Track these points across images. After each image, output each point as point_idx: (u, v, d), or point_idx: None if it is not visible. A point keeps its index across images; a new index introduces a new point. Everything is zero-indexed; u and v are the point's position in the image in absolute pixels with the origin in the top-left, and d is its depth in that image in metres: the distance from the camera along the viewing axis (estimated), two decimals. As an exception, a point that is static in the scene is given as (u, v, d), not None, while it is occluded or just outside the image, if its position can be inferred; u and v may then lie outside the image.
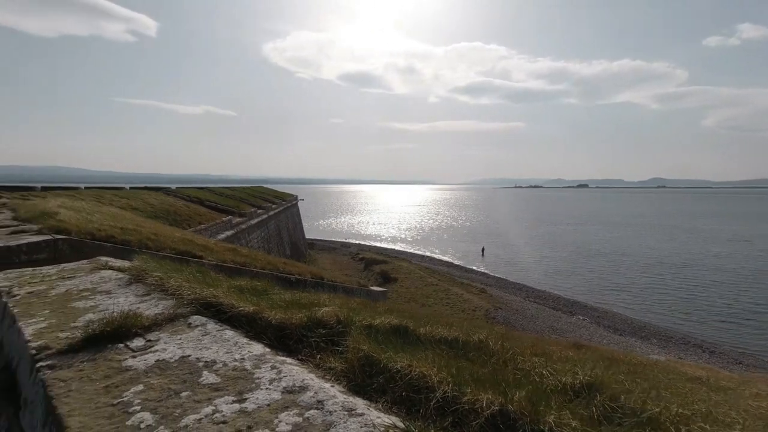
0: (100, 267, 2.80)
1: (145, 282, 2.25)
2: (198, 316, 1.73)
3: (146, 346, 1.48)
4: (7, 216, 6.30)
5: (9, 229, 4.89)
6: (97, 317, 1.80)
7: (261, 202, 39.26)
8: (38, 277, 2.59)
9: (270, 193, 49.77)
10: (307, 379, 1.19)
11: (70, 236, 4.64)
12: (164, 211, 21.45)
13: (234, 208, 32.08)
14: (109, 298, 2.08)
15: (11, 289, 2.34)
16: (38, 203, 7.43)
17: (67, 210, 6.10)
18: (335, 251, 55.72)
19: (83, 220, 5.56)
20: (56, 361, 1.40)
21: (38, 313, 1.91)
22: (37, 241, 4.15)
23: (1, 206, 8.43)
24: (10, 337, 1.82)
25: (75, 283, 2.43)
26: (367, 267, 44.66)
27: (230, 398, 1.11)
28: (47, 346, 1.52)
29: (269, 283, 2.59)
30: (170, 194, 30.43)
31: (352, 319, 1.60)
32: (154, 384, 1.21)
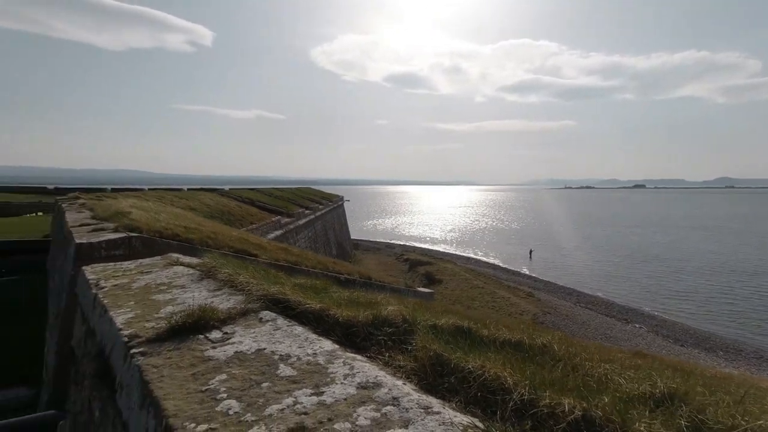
0: (172, 263, 3.00)
1: (216, 278, 2.39)
2: (267, 311, 1.82)
3: (224, 338, 1.57)
4: (87, 215, 6.87)
5: (90, 227, 5.33)
6: (177, 309, 1.93)
7: (308, 202, 40.24)
8: (120, 271, 2.82)
9: (317, 194, 50.91)
10: (379, 376, 1.22)
11: (142, 234, 4.99)
12: (219, 211, 22.49)
13: (283, 209, 33.11)
14: (184, 292, 2.23)
15: (98, 281, 2.57)
16: (112, 203, 8.04)
17: (137, 210, 6.55)
18: (380, 252, 56.06)
19: (152, 219, 5.95)
20: (147, 348, 1.52)
21: (125, 304, 2.08)
22: (114, 238, 4.50)
23: (80, 206, 9.19)
24: (102, 326, 1.99)
25: (152, 277, 2.62)
26: (412, 268, 44.59)
27: (308, 391, 1.16)
28: (137, 334, 1.65)
29: (327, 281, 2.67)
30: (224, 195, 31.87)
31: (417, 319, 1.62)
32: (236, 374, 1.29)
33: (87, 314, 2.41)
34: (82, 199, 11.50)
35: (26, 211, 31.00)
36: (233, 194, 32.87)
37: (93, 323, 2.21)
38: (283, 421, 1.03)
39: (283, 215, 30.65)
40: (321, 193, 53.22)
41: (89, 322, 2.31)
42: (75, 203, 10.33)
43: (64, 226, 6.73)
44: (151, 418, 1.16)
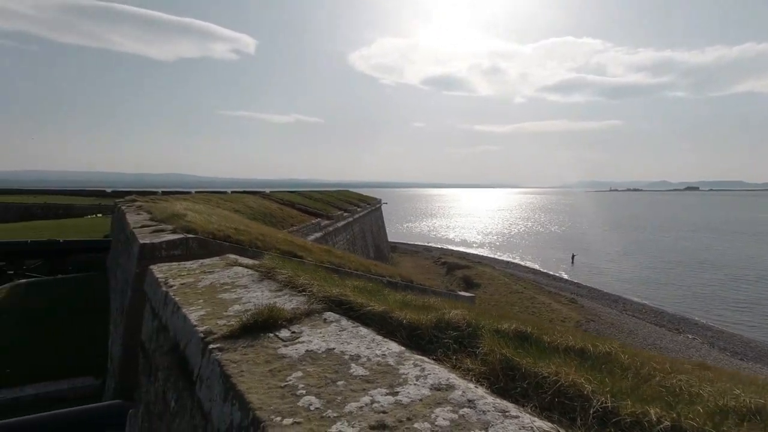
0: (231, 264, 3.15)
1: (276, 279, 2.49)
2: (331, 312, 1.88)
3: (293, 337, 1.64)
4: (145, 217, 7.29)
5: (150, 228, 5.66)
6: (244, 308, 2.03)
7: (346, 205, 40.73)
8: (185, 271, 2.99)
9: (355, 196, 51.44)
10: (451, 378, 1.24)
11: (197, 235, 5.24)
12: (262, 213, 23.17)
13: (322, 211, 33.69)
14: (247, 291, 2.34)
15: (167, 280, 2.73)
16: (167, 206, 8.48)
17: (191, 212, 6.89)
18: (417, 255, 55.87)
19: (205, 221, 6.24)
20: (223, 344, 1.61)
21: (194, 302, 2.21)
22: (173, 239, 4.76)
23: (138, 208, 9.74)
24: (175, 322, 2.12)
25: (215, 277, 2.76)
26: (450, 271, 44.17)
27: (383, 390, 1.20)
28: (211, 331, 1.76)
29: (377, 284, 2.71)
30: (266, 198, 32.80)
31: (480, 323, 1.63)
32: (311, 372, 1.35)
33: (158, 310, 2.58)
34: (138, 202, 12.19)
35: (87, 213, 33.20)
36: (274, 197, 33.79)
37: (165, 319, 2.36)
38: (363, 419, 1.07)
39: (322, 217, 31.19)
40: (359, 196, 53.74)
41: (161, 318, 2.46)
42: (133, 205, 10.97)
43: (125, 227, 7.18)
44: (236, 410, 1.24)
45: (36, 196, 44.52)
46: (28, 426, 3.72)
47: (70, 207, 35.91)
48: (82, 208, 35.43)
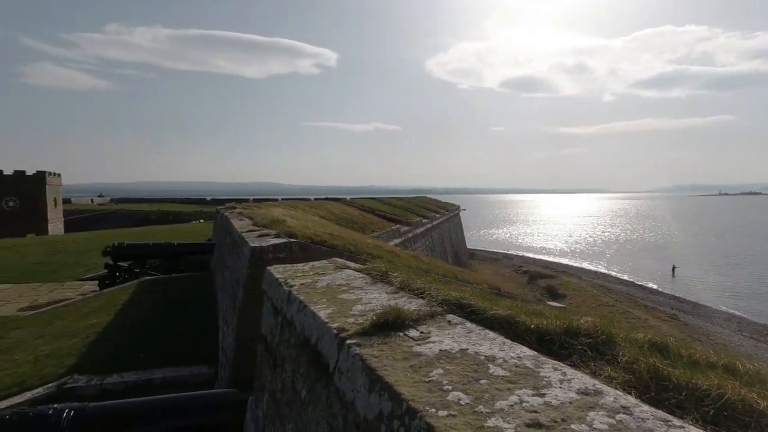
0: (341, 267, 3.36)
1: (390, 282, 2.62)
2: (453, 315, 1.95)
3: (422, 337, 1.74)
4: (248, 222, 7.97)
5: (256, 232, 6.19)
6: (367, 308, 2.18)
7: (425, 211, 40.77)
8: (300, 272, 3.25)
9: (433, 202, 51.37)
10: (597, 384, 1.24)
11: (298, 240, 5.63)
12: (344, 219, 24.01)
13: (401, 218, 34.01)
14: (365, 293, 2.49)
15: (287, 280, 3.00)
16: (266, 212, 9.18)
17: (289, 218, 7.40)
18: (497, 262, 54.20)
19: (303, 226, 6.67)
20: (358, 340, 1.75)
21: (318, 301, 2.41)
22: (279, 243, 5.16)
23: (239, 215, 10.64)
24: (303, 318, 2.33)
25: (330, 278, 2.97)
26: (531, 280, 42.26)
27: (528, 391, 1.24)
28: (343, 328, 1.91)
29: (481, 289, 2.73)
30: (348, 204, 33.92)
31: (612, 331, 1.60)
32: (450, 369, 1.42)
33: (280, 308, 2.83)
34: (238, 209, 13.29)
35: (192, 219, 37.15)
36: (355, 203, 34.84)
37: (290, 316, 2.59)
38: (516, 416, 1.12)
39: (401, 224, 31.50)
40: (437, 202, 53.57)
41: (284, 314, 2.71)
42: (234, 212, 12.00)
43: (232, 232, 7.90)
44: (385, 401, 1.35)
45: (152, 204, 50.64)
46: (164, 403, 4.23)
47: (179, 213, 40.36)
48: (188, 214, 39.73)
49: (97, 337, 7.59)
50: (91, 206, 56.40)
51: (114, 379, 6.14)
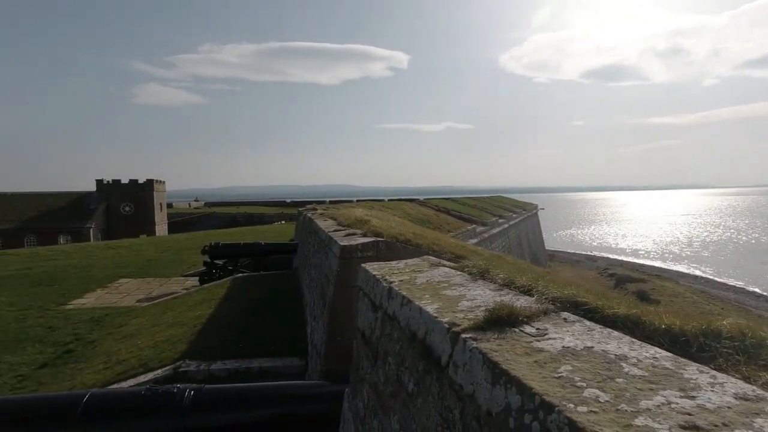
0: (435, 264, 3.39)
1: (491, 279, 2.61)
2: (567, 312, 1.89)
3: (540, 333, 1.70)
4: (332, 223, 8.31)
5: (343, 232, 6.43)
6: (474, 304, 2.19)
7: (501, 211, 39.60)
8: (395, 270, 3.33)
9: (509, 202, 49.70)
10: (756, 390, 1.14)
11: (384, 239, 5.75)
12: (419, 219, 24.04)
13: (477, 218, 33.33)
14: (467, 290, 2.50)
15: (384, 277, 3.09)
16: (348, 213, 9.51)
17: (373, 218, 7.59)
18: (579, 264, 51.09)
19: (386, 226, 6.80)
20: (473, 335, 1.77)
21: (422, 296, 2.46)
22: (367, 242, 5.32)
23: (320, 215, 11.11)
24: (408, 313, 2.40)
25: (427, 275, 3.01)
26: (619, 284, 39.26)
27: (675, 393, 1.17)
28: (454, 322, 1.93)
29: (586, 288, 2.60)
30: (422, 204, 33.92)
31: (761, 334, 1.45)
32: (579, 366, 1.38)
33: (379, 303, 2.93)
34: (319, 210, 13.88)
35: (275, 220, 39.74)
36: (429, 204, 34.74)
37: (391, 311, 2.68)
38: (667, 417, 1.06)
39: (477, 224, 30.86)
40: (513, 201, 51.75)
41: (385, 309, 2.80)
42: (315, 213, 12.55)
43: (317, 232, 8.29)
44: (512, 394, 1.35)
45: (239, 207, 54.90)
46: (268, 390, 4.54)
47: (262, 215, 43.46)
48: (271, 215, 42.68)
49: (202, 327, 8.35)
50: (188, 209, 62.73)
51: (218, 365, 6.72)
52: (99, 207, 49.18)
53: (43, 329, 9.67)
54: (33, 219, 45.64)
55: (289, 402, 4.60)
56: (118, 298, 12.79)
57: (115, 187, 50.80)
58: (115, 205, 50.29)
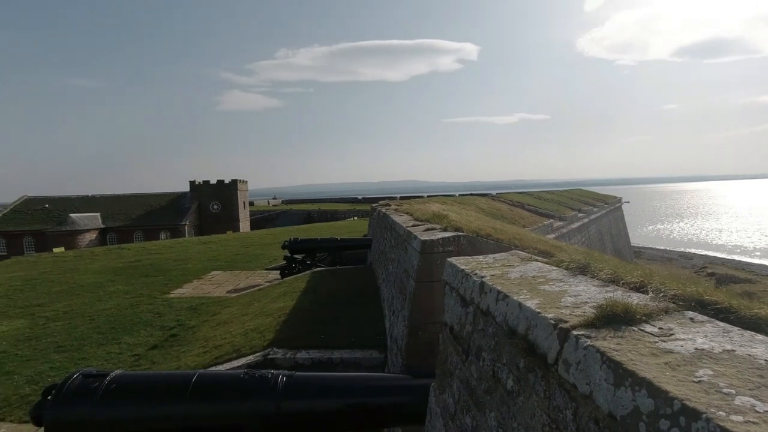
0: (526, 259, 3.27)
1: (593, 274, 2.45)
2: (692, 312, 1.72)
3: (664, 333, 1.56)
4: (408, 218, 8.34)
5: (421, 227, 6.43)
6: (580, 300, 2.07)
7: (581, 205, 37.33)
8: (484, 264, 3.26)
9: (589, 195, 46.64)
10: None
11: (464, 233, 5.66)
12: (492, 214, 23.36)
13: (554, 212, 31.78)
14: (568, 285, 2.37)
15: (474, 271, 3.04)
16: (423, 208, 9.50)
17: (450, 213, 7.51)
18: (671, 262, 46.71)
19: (465, 220, 6.69)
20: (585, 332, 1.67)
21: (518, 291, 2.37)
22: (447, 236, 5.27)
23: (395, 211, 11.20)
24: (504, 308, 2.33)
25: (521, 270, 2.91)
26: (720, 284, 35.23)
27: None
28: (561, 318, 1.84)
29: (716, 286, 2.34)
30: (495, 199, 32.99)
31: None
32: (722, 371, 1.24)
33: (471, 298, 2.88)
34: (392, 206, 14.01)
35: (347, 216, 40.96)
36: (502, 198, 33.67)
37: (485, 305, 2.62)
38: None
39: (554, 219, 29.40)
40: (593, 194, 48.47)
41: (477, 304, 2.74)
42: (389, 209, 12.68)
43: (394, 227, 8.37)
44: (642, 398, 1.25)
45: (313, 204, 57.37)
46: (354, 380, 4.67)
47: (335, 212, 44.99)
48: (343, 212, 44.06)
49: (286, 318, 8.81)
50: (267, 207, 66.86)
51: (303, 354, 7.05)
52: (192, 206, 54.00)
53: (152, 315, 10.82)
54: (140, 217, 51.38)
55: (374, 393, 4.70)
56: (211, 289, 13.93)
57: (204, 187, 55.46)
58: (205, 203, 54.90)
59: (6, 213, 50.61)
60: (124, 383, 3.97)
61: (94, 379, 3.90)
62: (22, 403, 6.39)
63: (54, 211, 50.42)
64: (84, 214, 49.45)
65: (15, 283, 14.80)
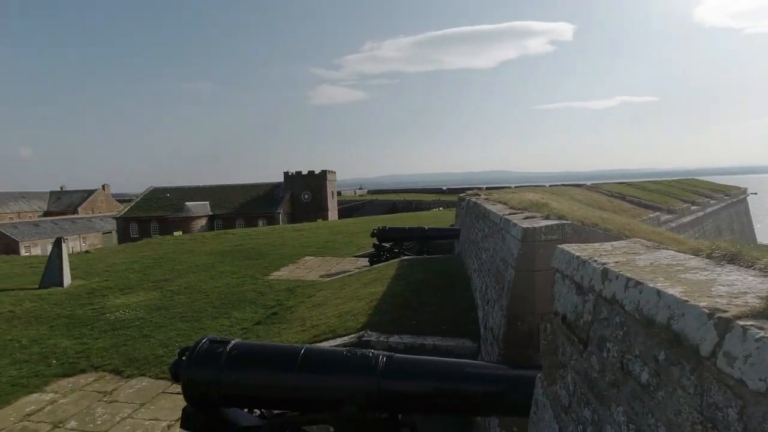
0: (652, 247, 2.98)
1: (745, 264, 2.16)
2: None
3: None
4: (502, 207, 8.06)
5: (519, 215, 6.18)
6: (736, 290, 1.83)
7: (694, 196, 33.34)
8: (601, 251, 3.04)
9: (704, 185, 41.36)
10: None
11: (569, 222, 5.33)
12: (589, 205, 21.74)
13: (661, 204, 28.83)
14: (715, 274, 2.11)
15: (593, 258, 2.84)
16: (517, 196, 9.13)
17: (550, 201, 7.12)
18: (812, 265, 39.75)
19: (568, 209, 6.30)
20: (752, 322, 1.47)
21: (654, 279, 2.16)
22: (551, 224, 5.01)
23: (485, 200, 10.90)
24: (636, 296, 2.15)
25: (649, 257, 2.66)
26: None
27: None
28: (716, 308, 1.64)
29: None
30: (591, 190, 30.69)
31: None
32: None
33: (590, 285, 2.70)
34: (482, 195, 13.65)
35: (432, 207, 40.93)
36: (600, 189, 31.22)
37: (608, 293, 2.43)
38: None
39: (661, 211, 26.68)
40: (710, 185, 42.89)
41: (600, 292, 2.56)
42: (479, 198, 12.37)
43: (489, 216, 8.15)
44: None
45: (398, 194, 58.25)
46: (453, 366, 4.65)
47: (420, 202, 45.20)
48: (428, 202, 44.11)
49: (377, 303, 9.06)
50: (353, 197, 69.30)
51: (395, 339, 7.20)
52: (285, 195, 57.91)
53: (256, 294, 11.81)
54: (241, 206, 56.59)
55: (470, 379, 4.64)
56: (305, 273, 14.80)
57: (297, 178, 59.09)
58: (297, 193, 58.50)
59: (138, 202, 59.14)
60: (243, 350, 4.37)
61: (218, 345, 4.35)
62: (157, 363, 7.40)
63: (173, 200, 57.42)
64: (197, 203, 55.69)
65: (147, 261, 17.08)
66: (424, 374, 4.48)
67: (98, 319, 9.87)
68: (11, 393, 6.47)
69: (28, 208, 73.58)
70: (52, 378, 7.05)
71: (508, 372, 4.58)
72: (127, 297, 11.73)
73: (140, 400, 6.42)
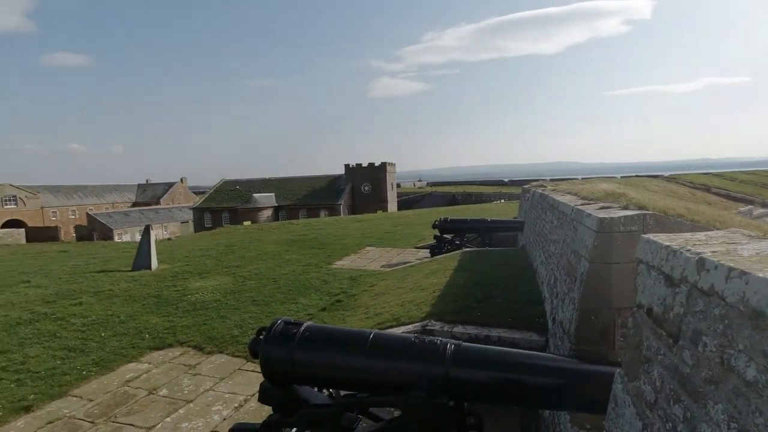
0: (756, 237, 2.73)
1: None
2: None
3: None
4: (574, 198, 7.70)
5: (594, 206, 5.88)
6: None
7: (796, 188, 29.72)
8: (694, 241, 2.82)
9: (810, 176, 36.61)
10: None
11: (650, 212, 4.99)
12: (669, 197, 20.11)
13: (753, 196, 26.12)
14: (839, 265, 1.90)
15: (686, 248, 2.65)
16: (589, 187, 8.67)
17: (627, 191, 6.70)
18: None
19: (648, 199, 5.89)
20: None
21: (762, 269, 1.99)
22: (630, 214, 4.72)
23: (553, 191, 10.45)
24: (741, 287, 1.98)
25: (753, 247, 2.43)
26: None
27: None
28: None
29: None
30: (669, 181, 28.41)
31: None
32: None
33: (683, 276, 2.52)
34: (549, 186, 13.11)
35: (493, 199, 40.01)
36: (680, 179, 28.83)
37: (705, 284, 2.27)
38: None
39: (754, 204, 24.17)
40: (816, 176, 37.87)
41: (694, 283, 2.39)
42: (546, 189, 11.89)
43: (558, 206, 7.83)
44: None
45: (457, 187, 57.55)
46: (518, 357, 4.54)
47: (480, 194, 44.32)
48: (489, 194, 43.15)
49: (440, 293, 9.04)
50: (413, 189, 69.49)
51: (459, 329, 7.16)
52: (346, 187, 59.28)
53: (320, 281, 12.26)
54: (304, 197, 58.88)
55: (539, 372, 4.51)
56: (366, 263, 15.09)
57: (357, 170, 60.22)
58: (357, 185, 59.65)
59: (211, 193, 63.73)
60: (315, 332, 4.57)
61: (292, 326, 4.58)
62: (233, 342, 7.96)
63: (242, 191, 61.01)
64: (263, 194, 58.71)
65: (220, 249, 18.33)
66: (492, 364, 4.43)
67: (181, 299, 10.76)
68: (114, 361, 7.31)
69: (120, 199, 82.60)
70: (146, 350, 7.83)
71: (579, 366, 4.41)
72: (205, 281, 12.67)
73: (220, 374, 6.94)
